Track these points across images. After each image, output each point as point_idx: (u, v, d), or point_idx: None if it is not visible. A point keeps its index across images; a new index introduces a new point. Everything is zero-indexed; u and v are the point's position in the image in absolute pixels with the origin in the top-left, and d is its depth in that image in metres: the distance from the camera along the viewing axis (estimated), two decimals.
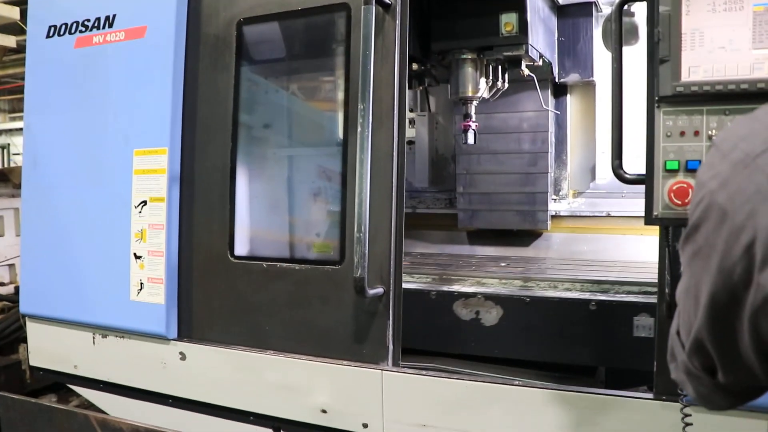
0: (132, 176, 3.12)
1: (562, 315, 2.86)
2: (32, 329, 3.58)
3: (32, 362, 3.61)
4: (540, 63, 3.62)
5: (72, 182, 3.33)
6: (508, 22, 3.22)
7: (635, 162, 2.33)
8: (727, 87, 1.86)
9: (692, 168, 1.91)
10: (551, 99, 4.20)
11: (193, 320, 3.09)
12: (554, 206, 4.25)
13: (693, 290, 1.00)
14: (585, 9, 4.07)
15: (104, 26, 3.22)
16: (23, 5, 4.04)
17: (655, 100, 1.96)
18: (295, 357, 2.82)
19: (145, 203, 3.09)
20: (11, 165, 18.26)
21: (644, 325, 2.36)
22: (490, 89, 3.62)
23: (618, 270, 3.41)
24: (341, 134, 2.80)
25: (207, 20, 3.08)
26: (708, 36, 1.88)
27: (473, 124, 3.64)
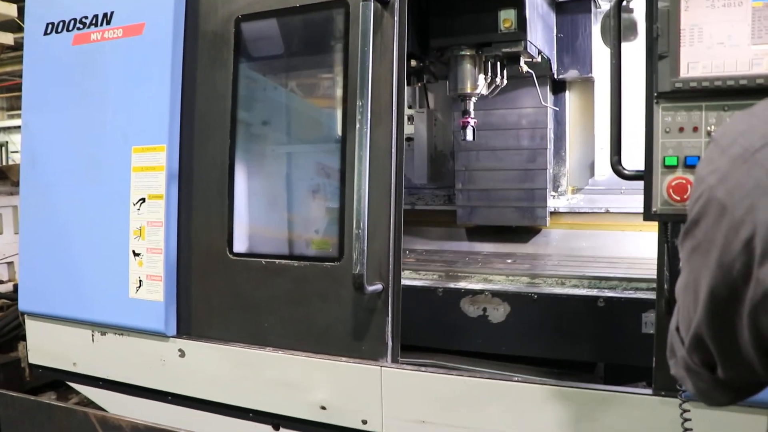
0: (130, 173, 3.11)
1: (570, 312, 2.87)
2: (31, 327, 3.58)
3: (31, 360, 3.61)
4: (539, 59, 3.61)
5: (70, 179, 3.33)
6: (507, 19, 3.22)
7: (634, 158, 2.32)
8: (726, 83, 1.86)
9: (691, 164, 1.91)
10: (550, 95, 4.19)
11: (192, 317, 3.09)
12: (553, 202, 4.25)
13: (692, 285, 1.00)
14: (584, 5, 4.06)
15: (102, 23, 3.21)
16: (21, 2, 4.04)
17: (654, 96, 1.96)
18: (294, 354, 2.82)
19: (144, 200, 3.09)
20: (9, 163, 18.22)
21: (653, 322, 2.36)
22: (489, 86, 3.62)
23: (625, 267, 3.39)
24: (340, 131, 2.80)
25: (205, 17, 3.07)
26: (707, 32, 1.88)
27: (472, 121, 3.64)
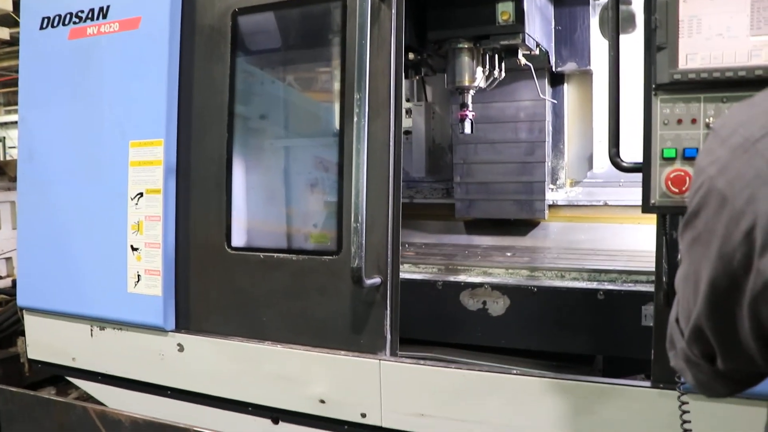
0: (128, 168, 3.11)
1: (570, 305, 2.87)
2: (30, 322, 3.58)
3: (30, 355, 3.61)
4: (537, 52, 3.60)
5: (68, 174, 3.32)
6: (505, 11, 3.20)
7: (632, 150, 2.32)
8: (725, 74, 1.85)
9: (689, 156, 1.90)
10: (548, 88, 4.18)
11: (191, 312, 3.09)
12: (551, 195, 4.24)
13: (692, 277, 1.00)
14: None
15: (98, 17, 3.20)
16: None
17: (653, 88, 1.95)
18: (293, 347, 2.82)
19: (142, 195, 3.08)
20: (7, 158, 18.18)
21: (653, 315, 2.36)
22: (487, 78, 3.61)
23: (624, 259, 3.39)
24: (338, 125, 2.79)
25: (202, 10, 3.06)
26: (706, 23, 1.87)
27: (470, 114, 3.63)
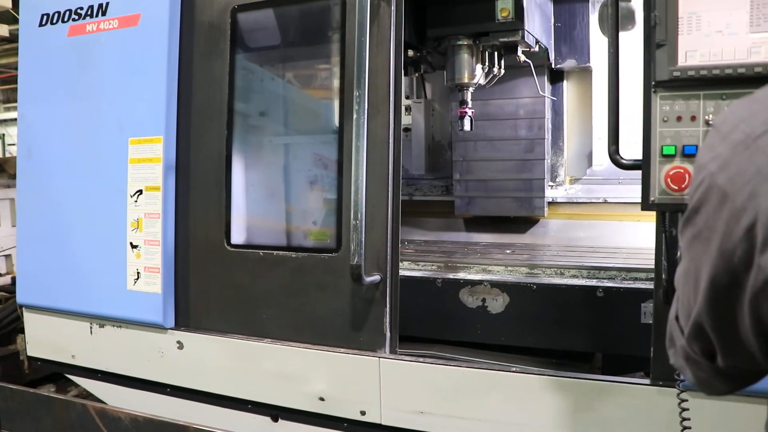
0: (127, 165, 3.10)
1: (569, 302, 2.87)
2: (29, 319, 3.58)
3: (30, 352, 3.61)
4: (536, 49, 3.60)
5: (67, 172, 3.32)
6: (504, 8, 3.20)
7: (632, 148, 2.32)
8: (724, 71, 1.85)
9: (689, 153, 1.90)
10: (548, 85, 4.18)
11: (191, 309, 3.09)
12: (551, 193, 4.25)
13: (693, 274, 0.99)
14: None
15: (97, 14, 3.20)
16: None
17: (652, 85, 1.95)
18: (293, 345, 2.82)
19: (141, 192, 3.08)
20: (7, 155, 18.17)
21: (652, 312, 2.36)
22: (486, 75, 3.60)
23: (624, 256, 3.39)
24: (337, 122, 2.79)
25: (201, 7, 3.06)
26: (705, 20, 1.87)
27: (469, 111, 3.62)
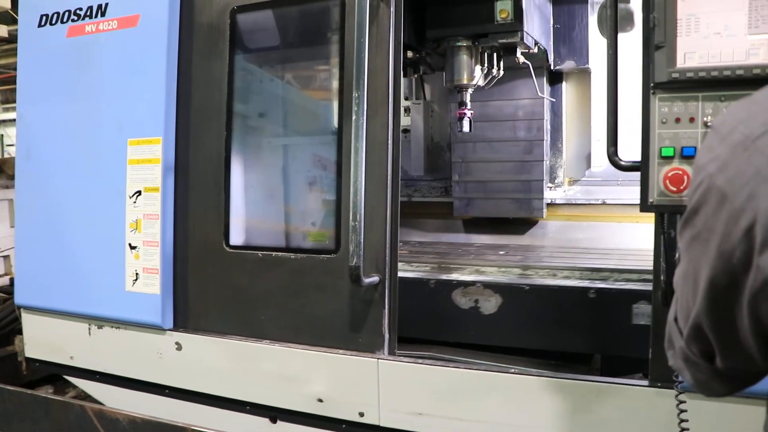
0: (126, 166, 3.10)
1: (562, 303, 2.87)
2: (28, 320, 3.58)
3: (28, 354, 3.60)
4: (535, 50, 3.60)
5: (66, 172, 3.31)
6: (504, 9, 3.20)
7: (631, 149, 2.32)
8: (723, 73, 1.85)
9: (688, 155, 1.90)
10: (546, 86, 4.19)
11: (189, 310, 3.09)
12: (550, 194, 4.25)
13: (692, 275, 0.99)
14: None
15: (96, 15, 3.19)
16: None
17: (651, 87, 1.95)
18: (291, 346, 2.82)
19: (140, 193, 3.07)
20: (5, 156, 18.16)
21: (643, 313, 2.36)
22: (486, 77, 3.61)
23: (617, 258, 3.40)
24: (336, 123, 2.79)
25: (200, 8, 3.06)
26: (704, 21, 1.87)
27: (468, 112, 3.63)
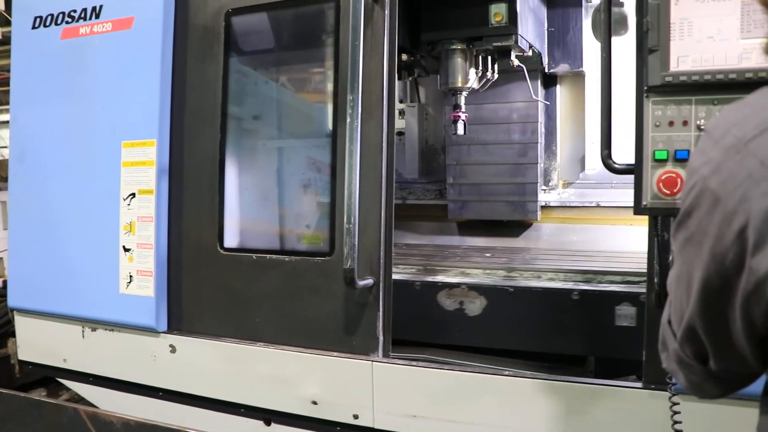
0: (120, 168, 3.10)
1: (546, 305, 2.88)
2: (21, 323, 3.56)
3: (21, 356, 3.59)
4: (530, 53, 3.61)
5: (59, 175, 3.30)
6: (498, 12, 3.21)
7: (624, 152, 2.33)
8: (716, 77, 1.86)
9: (681, 158, 1.91)
10: (541, 89, 4.20)
11: (183, 313, 3.08)
12: (544, 197, 4.26)
13: (685, 277, 1.00)
14: None
15: (91, 17, 3.19)
16: None
17: (644, 90, 1.96)
18: (286, 349, 2.82)
19: (134, 195, 3.07)
20: None
21: (626, 315, 2.37)
22: (480, 80, 3.62)
23: (602, 260, 3.42)
24: (330, 125, 2.79)
25: (195, 11, 3.05)
26: (696, 26, 1.88)
27: (463, 115, 3.64)
